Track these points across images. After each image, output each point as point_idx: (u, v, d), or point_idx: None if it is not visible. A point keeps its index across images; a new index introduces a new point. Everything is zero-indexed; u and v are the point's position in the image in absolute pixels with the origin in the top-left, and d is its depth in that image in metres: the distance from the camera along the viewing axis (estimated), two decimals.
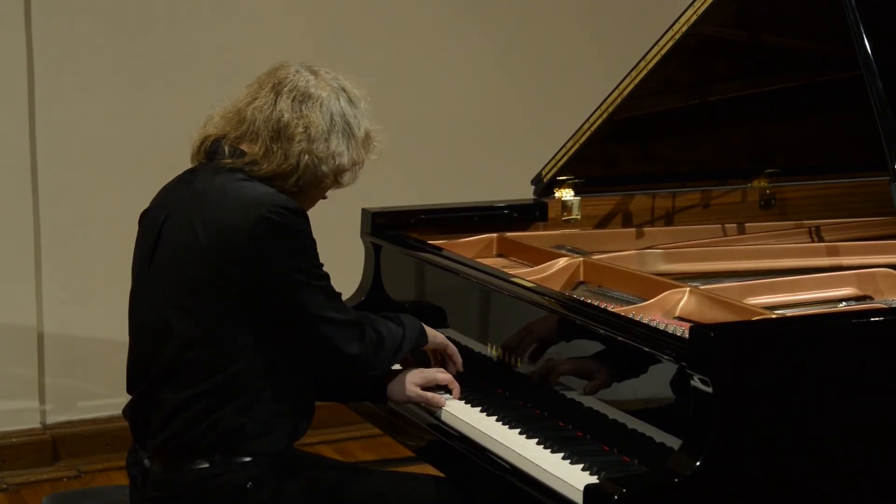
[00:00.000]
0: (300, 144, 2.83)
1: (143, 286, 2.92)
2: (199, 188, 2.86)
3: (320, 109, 2.86)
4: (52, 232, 4.84)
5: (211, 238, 2.78)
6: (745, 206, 3.98)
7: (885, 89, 2.94)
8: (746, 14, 3.58)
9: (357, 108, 2.93)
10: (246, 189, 2.82)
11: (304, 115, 2.85)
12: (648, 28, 3.77)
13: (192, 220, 2.81)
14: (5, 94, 4.74)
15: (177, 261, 2.83)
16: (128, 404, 2.96)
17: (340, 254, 3.94)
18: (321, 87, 2.89)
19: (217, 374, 2.79)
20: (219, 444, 2.80)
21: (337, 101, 2.89)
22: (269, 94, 2.88)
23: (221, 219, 2.78)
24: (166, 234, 2.87)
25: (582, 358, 2.88)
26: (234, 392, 2.79)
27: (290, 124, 2.84)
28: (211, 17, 4.98)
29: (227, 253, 2.76)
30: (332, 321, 2.82)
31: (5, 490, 4.70)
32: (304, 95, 2.87)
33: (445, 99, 5.36)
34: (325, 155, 2.86)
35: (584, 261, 3.37)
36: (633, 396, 2.75)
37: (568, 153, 3.76)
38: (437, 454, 3.12)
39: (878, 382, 2.62)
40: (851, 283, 3.23)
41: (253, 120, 2.86)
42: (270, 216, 2.76)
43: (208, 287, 2.78)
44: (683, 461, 2.49)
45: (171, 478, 2.82)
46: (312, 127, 2.84)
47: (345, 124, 2.89)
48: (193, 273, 2.79)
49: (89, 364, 4.91)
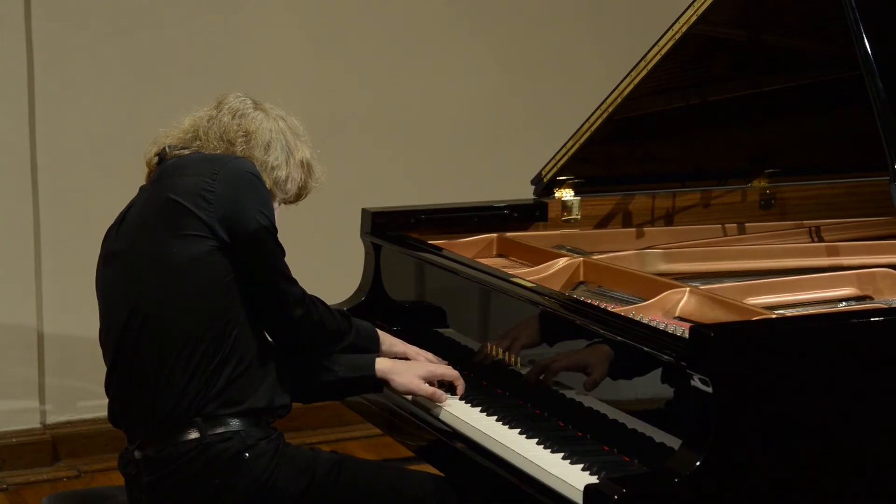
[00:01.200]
0: (240, 147, 2.96)
1: (112, 264, 2.96)
2: (158, 175, 2.96)
3: (259, 124, 2.99)
4: (52, 232, 4.84)
5: (184, 195, 2.85)
6: (745, 206, 3.98)
7: (885, 89, 2.94)
8: (746, 14, 3.58)
9: (297, 136, 3.05)
10: (201, 159, 2.93)
11: (243, 126, 2.98)
12: (648, 28, 3.77)
13: (160, 193, 2.90)
14: (5, 94, 4.74)
15: (146, 229, 2.91)
16: (111, 410, 3.01)
17: (340, 254, 3.96)
18: (259, 110, 3.02)
19: (189, 343, 2.82)
20: (201, 413, 2.82)
21: (275, 122, 3.01)
22: (211, 110, 3.03)
23: (190, 177, 2.87)
24: (122, 228, 2.97)
25: (582, 358, 2.88)
26: (208, 359, 2.83)
27: (230, 130, 2.97)
28: (211, 17, 4.98)
29: (202, 203, 2.84)
30: (288, 279, 2.91)
31: (5, 490, 4.70)
32: (241, 113, 3.00)
33: (445, 99, 5.36)
34: (263, 160, 2.96)
35: (584, 261, 3.37)
36: (633, 396, 2.75)
37: (568, 153, 3.76)
38: (436, 454, 3.12)
39: (877, 382, 2.62)
40: (851, 283, 3.23)
41: (194, 129, 3.00)
42: (238, 166, 2.88)
43: (179, 248, 2.84)
44: (683, 461, 2.48)
45: (164, 455, 2.84)
46: (251, 134, 2.97)
47: (284, 141, 3.00)
48: (166, 234, 2.86)
49: (89, 364, 4.90)
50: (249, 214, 2.85)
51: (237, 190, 2.86)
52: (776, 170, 3.99)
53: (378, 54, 5.20)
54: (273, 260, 2.89)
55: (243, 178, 2.88)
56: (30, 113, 4.77)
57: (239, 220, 2.85)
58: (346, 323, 3.08)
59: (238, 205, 2.85)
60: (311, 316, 2.95)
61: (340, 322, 3.06)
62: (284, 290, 2.90)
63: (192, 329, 2.83)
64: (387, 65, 5.19)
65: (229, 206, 2.84)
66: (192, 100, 5.20)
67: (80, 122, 4.83)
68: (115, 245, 2.97)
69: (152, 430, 2.86)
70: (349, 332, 3.07)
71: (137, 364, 2.88)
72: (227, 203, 2.84)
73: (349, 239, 3.86)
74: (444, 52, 5.36)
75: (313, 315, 2.96)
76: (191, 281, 2.84)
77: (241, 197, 2.86)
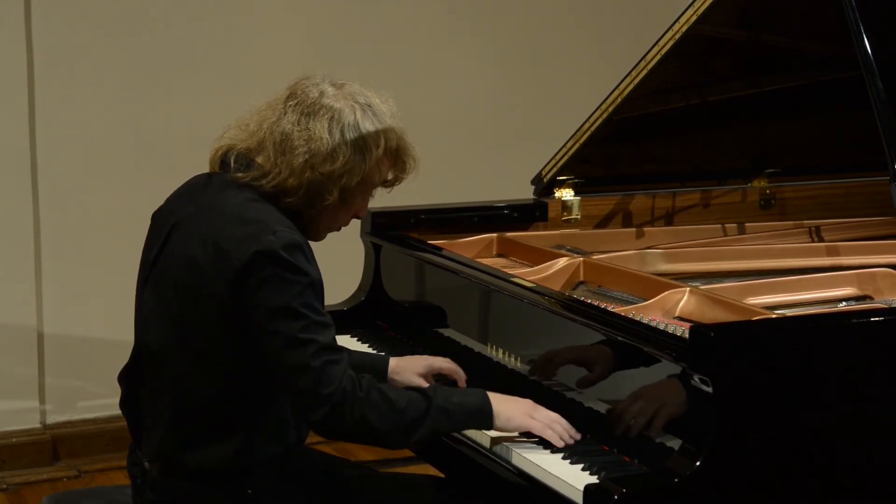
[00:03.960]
0: (302, 157, 2.71)
1: (146, 294, 2.86)
2: (207, 202, 2.78)
3: (328, 122, 2.73)
4: (52, 232, 4.84)
5: (209, 258, 2.69)
6: (745, 206, 3.98)
7: (885, 89, 2.94)
8: (746, 14, 3.58)
9: (378, 123, 2.77)
10: (250, 211, 2.71)
11: (309, 128, 2.72)
12: (648, 28, 3.77)
13: (194, 236, 2.75)
14: (5, 94, 4.74)
15: (173, 277, 2.77)
16: (123, 400, 2.93)
17: (340, 254, 3.95)
18: (337, 99, 2.75)
19: (206, 394, 2.74)
20: (210, 463, 2.76)
21: (352, 114, 2.74)
22: (279, 106, 2.77)
23: (220, 241, 2.69)
24: (170, 244, 2.81)
25: (581, 358, 2.88)
26: (224, 412, 2.74)
27: (291, 136, 2.72)
28: (211, 17, 4.98)
29: (221, 275, 2.67)
30: (302, 369, 2.64)
31: (5, 490, 4.70)
32: (311, 108, 2.74)
33: (445, 99, 5.36)
34: (329, 170, 2.72)
35: (584, 261, 3.37)
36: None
37: (568, 153, 3.76)
38: (436, 454, 3.11)
39: (878, 382, 2.62)
40: (851, 283, 3.23)
41: (259, 131, 2.78)
42: (262, 249, 2.64)
43: (203, 304, 2.71)
44: (683, 461, 2.49)
45: (169, 484, 2.80)
46: (315, 140, 2.71)
47: (358, 139, 2.74)
48: (185, 292, 2.73)
49: (89, 364, 4.91)
50: (260, 306, 2.64)
51: (256, 276, 2.64)
52: (776, 170, 3.99)
53: (378, 54, 5.20)
54: (276, 346, 2.64)
55: (266, 264, 2.63)
56: (30, 113, 4.77)
57: (251, 309, 2.66)
58: (415, 409, 2.71)
59: (251, 292, 2.65)
60: (342, 414, 2.64)
61: (402, 414, 2.69)
62: (294, 382, 2.66)
63: (213, 383, 2.74)
64: (387, 65, 5.19)
65: (243, 291, 2.65)
66: (191, 100, 5.21)
67: (80, 122, 4.83)
68: (159, 271, 2.81)
69: (157, 455, 2.82)
70: (421, 419, 2.71)
71: (157, 394, 2.81)
72: (242, 289, 2.65)
73: (349, 239, 3.85)
74: (444, 52, 5.36)
75: (346, 414, 2.64)
76: (208, 339, 2.73)
77: (257, 284, 2.64)
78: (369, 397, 2.65)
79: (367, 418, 2.64)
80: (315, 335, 2.63)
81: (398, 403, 2.67)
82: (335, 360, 2.64)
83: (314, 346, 2.62)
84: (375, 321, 3.60)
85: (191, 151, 4.90)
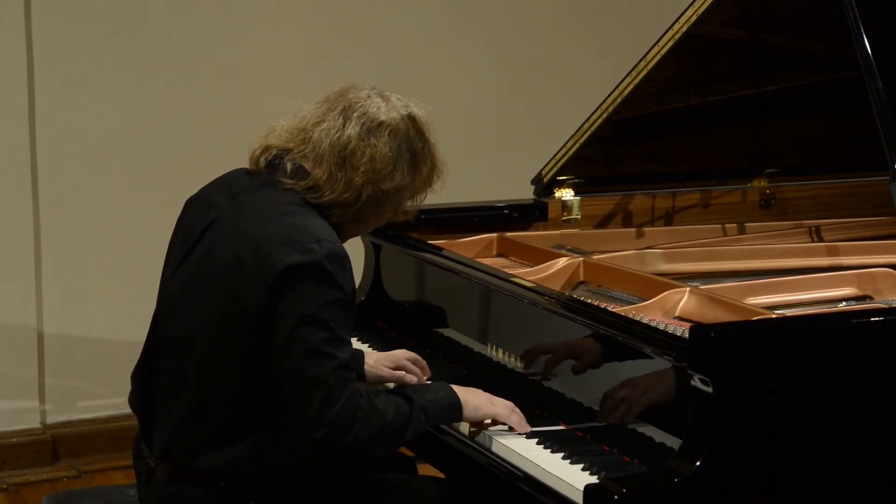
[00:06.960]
0: (365, 174, 2.73)
1: (172, 287, 2.84)
2: (250, 202, 2.76)
3: (388, 138, 2.76)
4: (52, 232, 4.84)
5: (249, 259, 2.68)
6: (745, 206, 3.98)
7: (885, 89, 2.95)
8: (746, 14, 3.59)
9: (425, 140, 2.84)
10: (295, 219, 2.71)
11: (372, 144, 2.74)
12: (648, 28, 3.77)
13: (235, 235, 2.73)
14: (5, 94, 4.74)
15: (208, 272, 2.76)
16: (132, 397, 2.93)
17: None
18: (391, 113, 2.78)
19: (224, 394, 2.73)
20: (221, 468, 2.74)
21: (407, 131, 2.79)
22: (339, 118, 2.76)
23: (263, 243, 2.67)
24: (207, 239, 2.79)
25: (581, 357, 2.88)
26: (239, 414, 2.73)
27: (356, 152, 2.73)
28: (211, 17, 4.98)
29: (259, 277, 2.66)
30: (313, 397, 2.63)
31: (5, 490, 4.70)
32: (373, 122, 2.76)
33: (445, 99, 5.35)
34: (389, 186, 2.76)
35: (584, 261, 3.37)
36: None
37: (568, 153, 3.76)
38: (436, 454, 3.11)
39: (878, 382, 2.62)
40: (851, 283, 3.23)
41: (319, 142, 2.75)
42: (306, 257, 2.64)
43: (236, 303, 2.69)
44: (683, 461, 2.49)
45: (174, 490, 2.79)
46: (378, 157, 2.74)
47: (412, 156, 2.79)
48: (219, 288, 2.72)
49: (89, 364, 4.91)
50: (288, 313, 2.64)
51: (290, 284, 2.64)
52: (776, 170, 3.99)
53: (378, 54, 5.20)
54: (297, 354, 2.64)
55: (303, 274, 2.63)
56: (30, 113, 4.77)
57: (278, 316, 2.65)
58: (400, 418, 2.73)
59: (284, 299, 2.65)
60: (341, 438, 2.64)
61: (389, 426, 2.71)
62: (307, 393, 2.65)
63: (236, 389, 2.73)
64: (387, 64, 5.19)
65: (274, 298, 2.65)
66: (191, 100, 5.21)
67: (80, 122, 4.83)
68: (194, 263, 2.79)
69: (166, 456, 2.80)
70: (406, 425, 2.75)
71: (174, 394, 2.80)
72: (273, 296, 2.65)
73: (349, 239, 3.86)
74: (444, 52, 5.36)
75: (344, 437, 2.64)
76: (234, 344, 2.72)
77: (290, 292, 2.64)
78: (366, 418, 2.66)
79: (360, 440, 2.66)
80: (336, 350, 2.64)
81: (386, 415, 2.69)
82: (348, 379, 2.65)
83: (334, 362, 2.63)
84: (375, 321, 3.60)
85: (191, 151, 4.92)
